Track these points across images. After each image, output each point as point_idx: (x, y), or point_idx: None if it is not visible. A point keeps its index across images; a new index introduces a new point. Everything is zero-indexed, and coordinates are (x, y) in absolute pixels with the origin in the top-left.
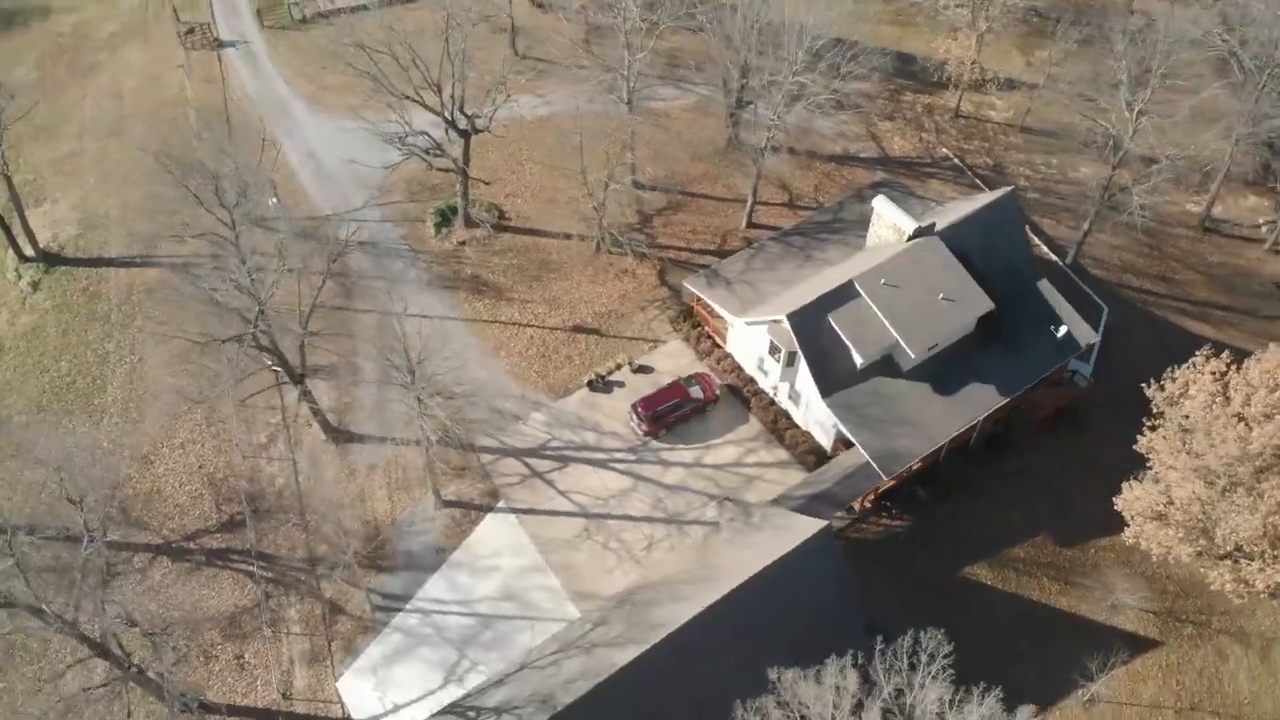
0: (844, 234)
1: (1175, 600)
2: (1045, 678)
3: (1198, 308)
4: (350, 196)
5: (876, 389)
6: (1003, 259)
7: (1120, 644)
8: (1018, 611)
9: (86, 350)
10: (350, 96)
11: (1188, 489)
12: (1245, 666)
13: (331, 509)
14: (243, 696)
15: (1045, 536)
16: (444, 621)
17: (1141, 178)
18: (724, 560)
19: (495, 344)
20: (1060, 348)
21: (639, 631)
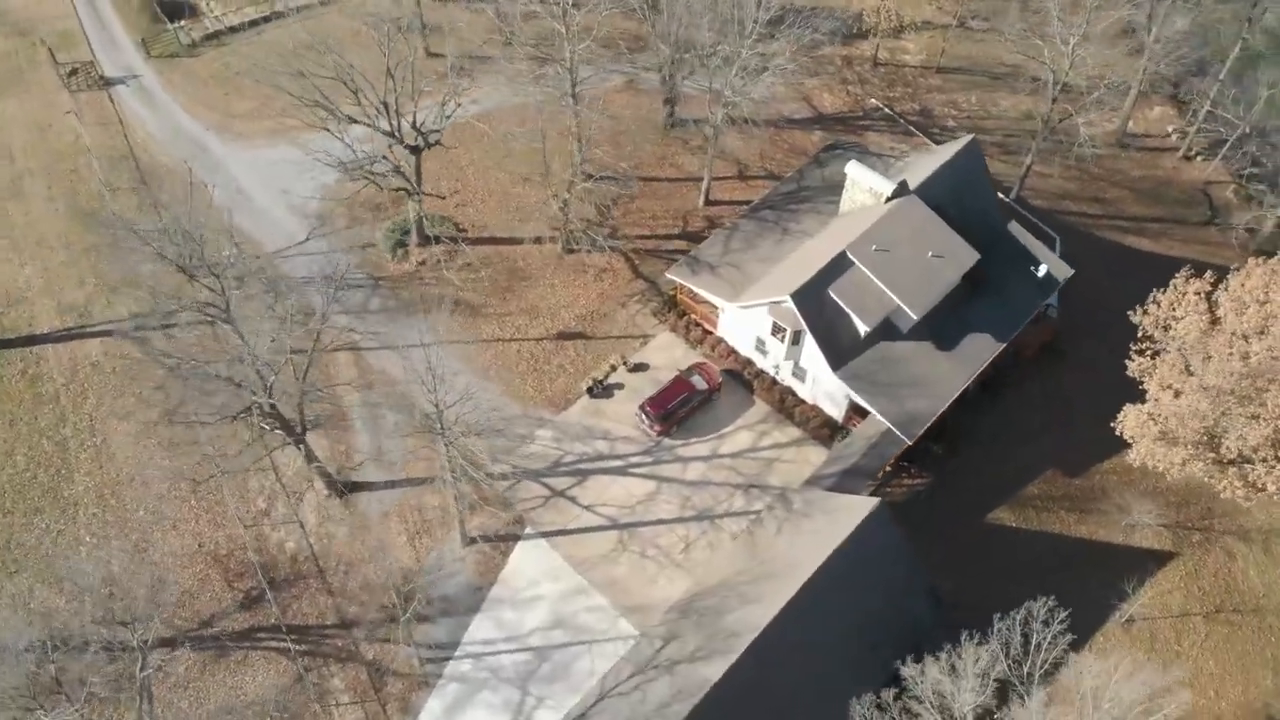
0: (813, 202)
1: (1179, 511)
2: (1083, 606)
3: (1133, 223)
4: (291, 230)
5: (882, 354)
6: (973, 207)
7: (1142, 561)
8: (1045, 548)
9: (41, 439)
10: (263, 121)
11: (1193, 407)
12: (1253, 562)
13: (353, 566)
14: None
15: (1054, 470)
16: (498, 662)
17: (1083, 108)
18: (779, 553)
19: (483, 365)
20: (1042, 286)
21: (719, 641)
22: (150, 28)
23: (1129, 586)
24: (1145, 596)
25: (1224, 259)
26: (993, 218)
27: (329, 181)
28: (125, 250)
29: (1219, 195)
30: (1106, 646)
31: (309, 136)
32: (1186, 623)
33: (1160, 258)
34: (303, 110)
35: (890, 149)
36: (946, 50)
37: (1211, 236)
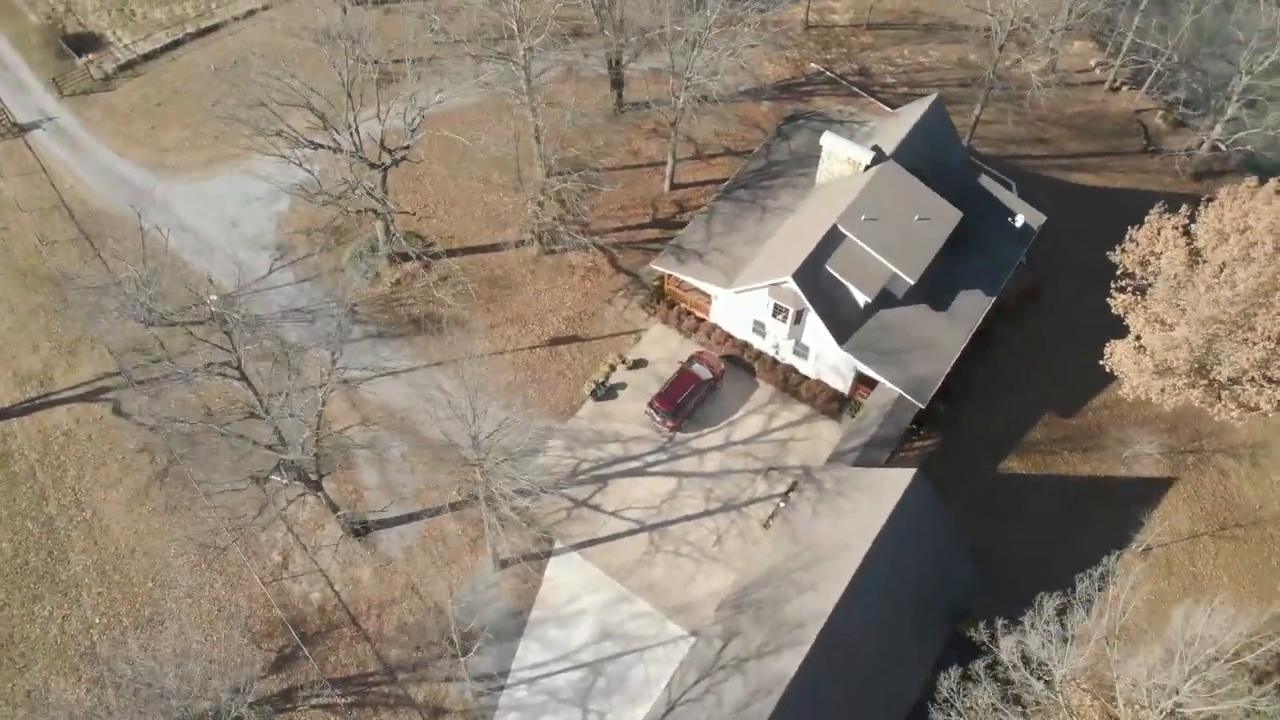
0: (786, 176)
1: (1170, 437)
2: (1100, 540)
3: (1075, 160)
4: (249, 265)
5: (881, 323)
6: (946, 165)
7: (1147, 490)
8: (1055, 490)
9: (24, 522)
10: (197, 152)
11: (1185, 338)
12: (1244, 477)
13: (385, 607)
14: None
15: (1050, 414)
16: (552, 684)
17: (1030, 53)
18: (823, 535)
19: (479, 381)
20: (1020, 236)
21: (786, 633)
22: (58, 65)
23: (1141, 516)
24: (1155, 523)
25: (1168, 186)
26: (964, 174)
27: (281, 209)
28: (85, 307)
29: (1150, 123)
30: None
31: (252, 162)
32: (1197, 544)
33: (1107, 191)
34: (241, 136)
35: (839, 111)
36: (874, 6)
37: (1152, 165)
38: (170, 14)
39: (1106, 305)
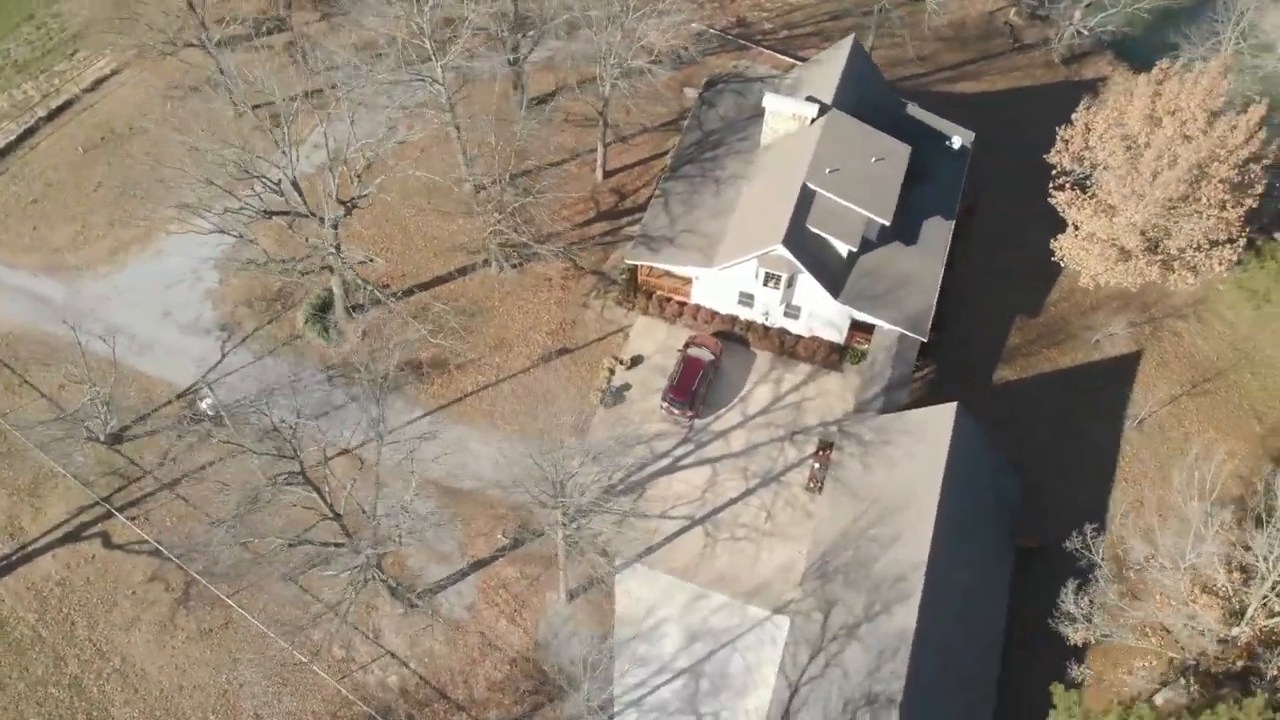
0: (726, 143)
1: (1125, 314)
2: (1098, 421)
3: (958, 70)
4: (198, 353)
5: (864, 269)
6: (877, 103)
7: (1122, 367)
8: (1048, 386)
9: (49, 690)
10: (95, 245)
11: (1134, 220)
12: (1195, 334)
13: (469, 672)
14: None
15: (1019, 318)
16: (659, 699)
17: None
18: (882, 487)
19: (482, 418)
20: (958, 156)
21: (888, 590)
22: None
23: (1125, 393)
24: (1139, 396)
25: (1045, 77)
26: (894, 108)
27: (210, 285)
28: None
29: (1009, 20)
30: (1133, 451)
31: (161, 242)
32: (1178, 406)
33: (995, 94)
34: (141, 217)
35: (745, 68)
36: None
37: (1022, 60)
38: (12, 100)
39: (1035, 208)
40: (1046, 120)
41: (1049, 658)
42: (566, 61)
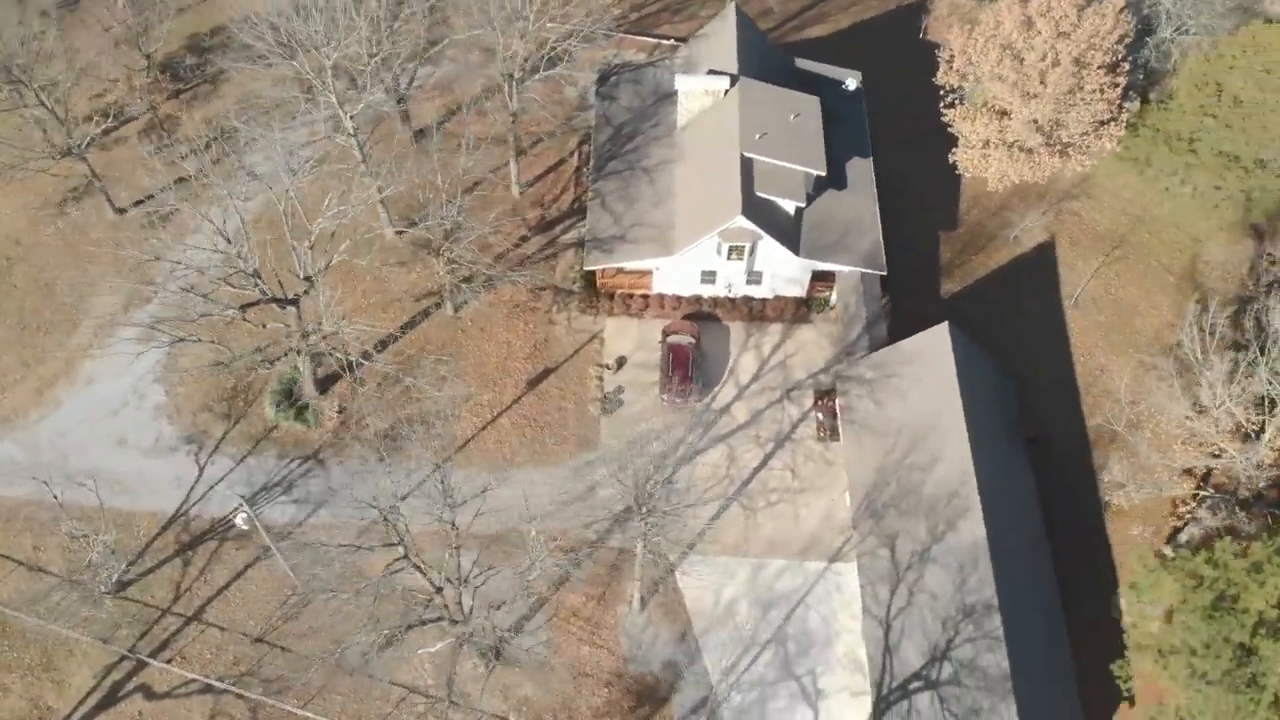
0: (641, 133)
1: (1027, 206)
2: (1040, 307)
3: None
4: (171, 474)
5: (812, 222)
6: (769, 63)
7: (1042, 256)
8: (987, 288)
9: None
10: (17, 387)
11: (1030, 118)
12: (1091, 210)
13: (569, 709)
14: None
15: (941, 233)
16: (755, 673)
17: None
18: (901, 417)
19: (492, 458)
20: (854, 98)
21: (945, 509)
22: None
23: (1053, 278)
24: (1066, 277)
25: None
26: (784, 63)
27: (158, 400)
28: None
29: None
30: (1079, 327)
31: (84, 367)
32: (1100, 277)
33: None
34: (55, 348)
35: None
36: None
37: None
38: None
39: (927, 130)
40: (914, 46)
41: (1079, 540)
42: (452, 84)
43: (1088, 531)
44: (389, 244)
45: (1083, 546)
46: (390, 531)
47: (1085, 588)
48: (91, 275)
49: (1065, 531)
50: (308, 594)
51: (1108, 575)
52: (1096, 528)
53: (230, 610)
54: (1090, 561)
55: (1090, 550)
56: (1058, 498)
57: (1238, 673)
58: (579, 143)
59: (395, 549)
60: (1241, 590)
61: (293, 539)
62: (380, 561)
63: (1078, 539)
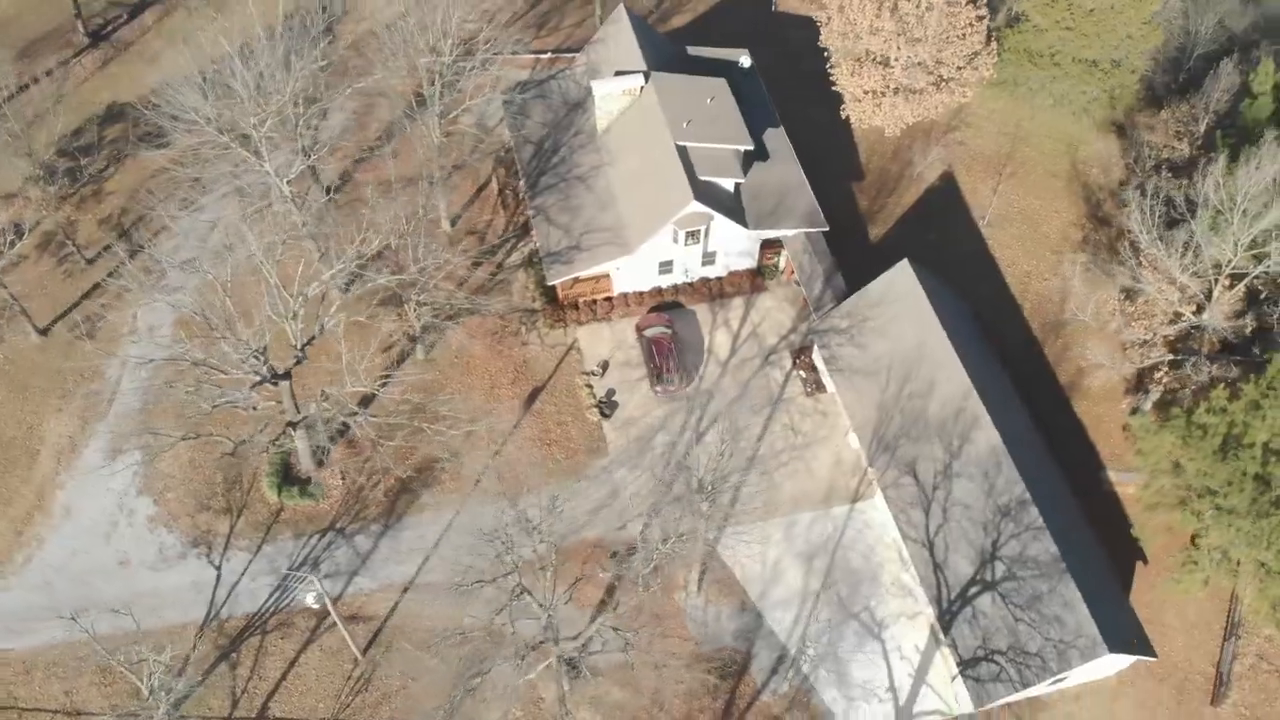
0: (564, 144)
1: (924, 141)
2: (961, 232)
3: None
4: (190, 580)
5: (751, 195)
6: (667, 54)
7: (947, 185)
8: (908, 226)
9: None
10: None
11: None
12: (974, 136)
13: (661, 701)
14: None
15: (854, 183)
16: (819, 624)
17: None
18: (888, 354)
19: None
20: (750, 74)
21: (954, 423)
22: None
23: (965, 201)
24: (973, 201)
25: None
26: (680, 52)
27: (146, 509)
28: None
29: None
30: (998, 242)
31: (56, 488)
32: (1001, 195)
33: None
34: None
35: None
36: None
37: None
38: None
39: (813, 92)
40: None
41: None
42: (347, 134)
43: (1062, 419)
44: (343, 302)
45: (1061, 434)
46: (502, 563)
47: (1075, 470)
48: (33, 403)
49: (1044, 423)
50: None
51: (1090, 455)
52: (1069, 414)
53: (295, 700)
54: (1071, 446)
55: (1068, 435)
56: (1028, 394)
57: (1260, 500)
58: (493, 167)
59: (507, 580)
60: (1245, 428)
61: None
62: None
63: (1056, 428)
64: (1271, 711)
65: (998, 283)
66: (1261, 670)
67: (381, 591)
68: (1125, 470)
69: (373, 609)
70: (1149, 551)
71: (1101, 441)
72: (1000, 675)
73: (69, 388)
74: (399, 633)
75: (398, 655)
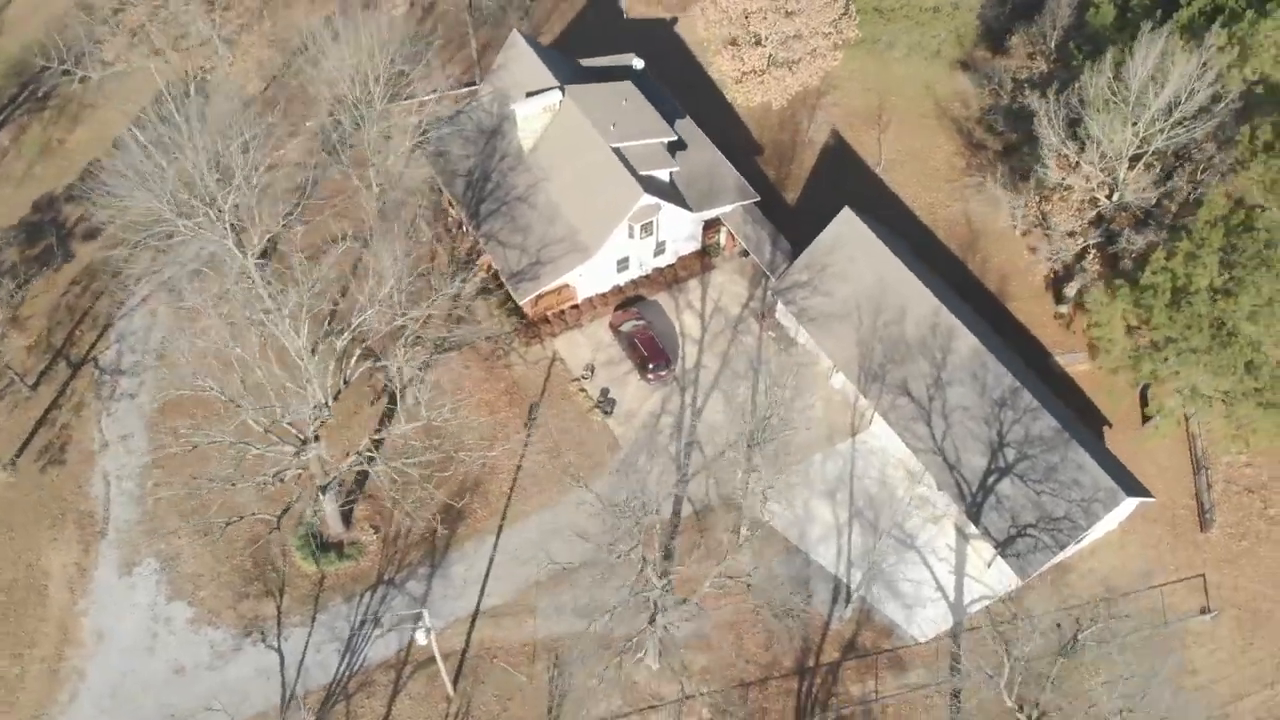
0: (494, 169)
1: (798, 111)
2: (863, 177)
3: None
4: (253, 669)
5: (684, 180)
6: (565, 68)
7: (838, 141)
8: (814, 185)
9: None
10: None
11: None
12: (846, 97)
13: (744, 655)
14: None
15: (756, 158)
16: (859, 549)
17: None
18: (849, 294)
19: (543, 498)
20: (643, 74)
21: (931, 334)
22: None
23: (861, 155)
24: (865, 150)
25: None
26: (575, 65)
27: (184, 615)
28: None
29: None
30: (894, 180)
31: (91, 623)
32: (885, 143)
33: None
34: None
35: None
36: None
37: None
38: None
39: (681, 79)
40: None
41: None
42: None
43: (1002, 321)
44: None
45: (1005, 332)
46: (633, 535)
47: (1027, 360)
48: (24, 539)
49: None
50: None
51: (1035, 346)
52: (1007, 316)
53: None
54: (1017, 341)
55: (1011, 332)
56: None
57: (1218, 335)
58: (415, 209)
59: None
60: (1188, 279)
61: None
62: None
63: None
64: (1252, 525)
65: (909, 217)
66: (1233, 491)
67: (450, 628)
68: (1069, 353)
69: (447, 645)
70: (1112, 417)
71: (1040, 333)
72: (1037, 546)
73: (56, 515)
74: (480, 661)
75: (486, 682)
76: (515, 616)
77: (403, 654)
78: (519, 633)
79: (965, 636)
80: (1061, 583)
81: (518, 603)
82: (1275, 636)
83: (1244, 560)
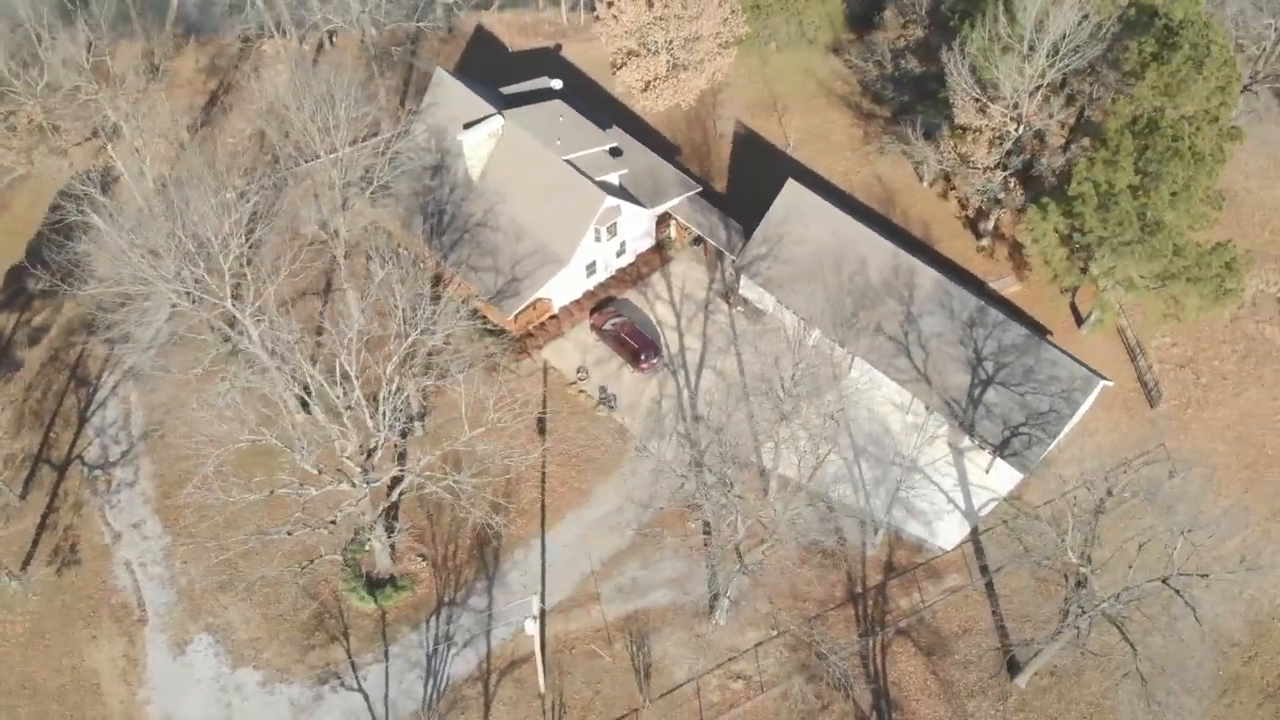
0: (448, 200)
1: (703, 109)
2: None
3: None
4: (341, 713)
5: (632, 180)
6: (493, 96)
7: (744, 131)
8: (737, 172)
9: None
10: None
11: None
12: (752, 86)
13: (806, 600)
14: None
15: (678, 157)
16: (873, 481)
17: None
18: (809, 255)
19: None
20: (564, 93)
21: (896, 277)
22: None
23: (768, 142)
24: (772, 135)
25: None
26: (497, 93)
27: (255, 679)
28: None
29: None
30: (806, 159)
31: (152, 710)
32: (788, 126)
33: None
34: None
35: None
36: None
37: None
38: None
39: (582, 98)
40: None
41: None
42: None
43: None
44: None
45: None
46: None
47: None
48: (61, 644)
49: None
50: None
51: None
52: (939, 256)
53: None
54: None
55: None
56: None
57: (1146, 226)
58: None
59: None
60: (1110, 184)
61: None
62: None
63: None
64: (1193, 394)
65: (829, 186)
66: (1167, 369)
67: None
68: (999, 278)
69: (524, 649)
70: (1051, 326)
71: (971, 265)
72: (1031, 441)
73: (88, 614)
74: (560, 654)
75: (573, 672)
76: (582, 607)
77: (484, 665)
78: (589, 621)
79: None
80: (1051, 475)
81: (580, 594)
82: (1235, 484)
83: (1194, 426)
